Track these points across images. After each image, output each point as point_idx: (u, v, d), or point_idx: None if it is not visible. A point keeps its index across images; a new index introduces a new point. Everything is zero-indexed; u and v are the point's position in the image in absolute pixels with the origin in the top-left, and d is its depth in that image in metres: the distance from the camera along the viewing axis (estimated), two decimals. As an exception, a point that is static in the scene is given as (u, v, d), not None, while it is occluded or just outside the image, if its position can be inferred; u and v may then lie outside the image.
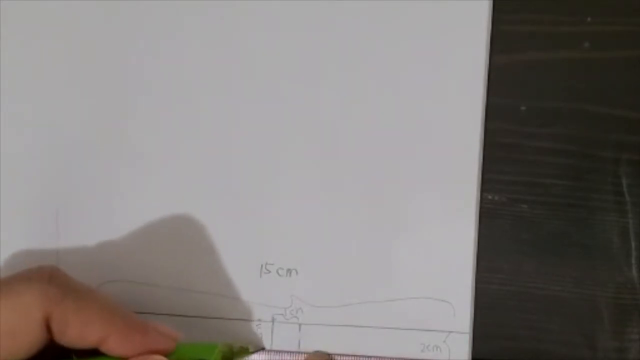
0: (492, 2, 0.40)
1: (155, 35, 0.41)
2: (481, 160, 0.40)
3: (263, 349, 0.41)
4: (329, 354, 0.40)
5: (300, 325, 0.41)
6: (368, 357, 0.40)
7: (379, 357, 0.40)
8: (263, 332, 0.41)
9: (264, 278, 0.41)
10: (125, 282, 0.42)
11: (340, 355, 0.40)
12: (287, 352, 0.41)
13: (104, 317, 0.33)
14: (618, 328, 0.40)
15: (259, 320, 0.41)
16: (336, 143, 0.41)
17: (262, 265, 0.41)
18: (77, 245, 0.42)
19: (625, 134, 0.40)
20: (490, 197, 0.40)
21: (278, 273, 0.41)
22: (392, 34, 0.40)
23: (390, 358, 0.40)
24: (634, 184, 0.40)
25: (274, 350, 0.41)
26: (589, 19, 0.40)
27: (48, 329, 0.32)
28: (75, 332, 0.32)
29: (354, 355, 0.40)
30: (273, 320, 0.41)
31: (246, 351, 0.40)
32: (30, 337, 0.32)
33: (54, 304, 0.32)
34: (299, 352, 0.41)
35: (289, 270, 0.41)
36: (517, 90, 0.40)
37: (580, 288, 0.40)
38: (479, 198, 0.40)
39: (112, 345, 0.33)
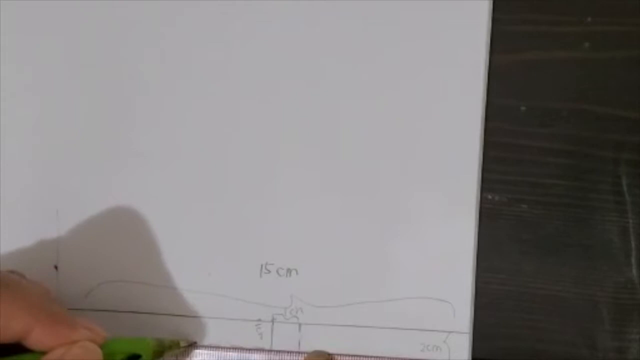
0: (492, 2, 0.40)
1: (154, 35, 0.41)
2: (481, 160, 0.40)
3: (195, 343, 0.41)
4: (329, 354, 0.40)
5: (300, 325, 0.41)
6: (368, 357, 0.40)
7: (379, 357, 0.40)
8: (263, 332, 0.41)
9: (264, 278, 0.41)
10: (124, 282, 0.42)
11: (340, 355, 0.40)
12: (287, 352, 0.41)
13: (30, 309, 0.33)
14: (618, 328, 0.40)
15: (259, 320, 0.41)
16: (336, 143, 0.41)
17: (262, 265, 0.41)
18: (77, 245, 0.42)
19: (625, 134, 0.40)
20: (490, 197, 0.40)
21: (278, 273, 0.41)
22: (392, 34, 0.40)
23: (390, 358, 0.40)
24: (634, 184, 0.40)
25: (274, 350, 0.41)
26: (589, 19, 0.40)
27: None
28: (0, 324, 0.32)
29: (354, 355, 0.40)
30: (273, 320, 0.41)
31: (177, 345, 0.40)
32: None
33: None
34: (298, 352, 0.41)
35: (289, 270, 0.41)
36: (517, 90, 0.40)
37: (580, 288, 0.40)
38: (479, 198, 0.40)
39: (37, 337, 0.33)
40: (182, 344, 0.40)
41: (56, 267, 0.42)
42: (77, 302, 0.42)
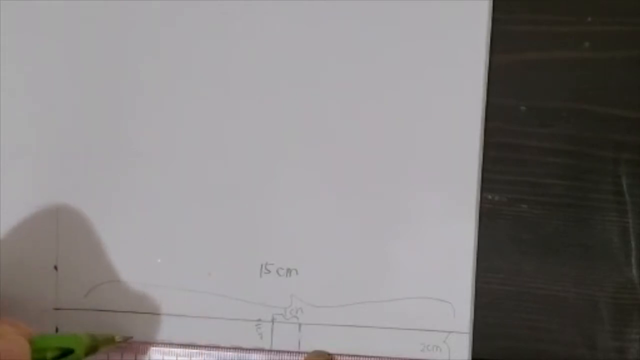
0: (492, 2, 0.40)
1: (154, 35, 0.41)
2: (481, 160, 0.40)
3: (131, 337, 0.41)
4: (329, 354, 0.40)
5: (300, 325, 0.41)
6: (368, 357, 0.40)
7: (379, 357, 0.40)
8: (263, 332, 0.41)
9: (264, 278, 0.41)
10: (124, 282, 0.42)
11: (341, 355, 0.40)
12: (287, 352, 0.41)
13: None
14: (618, 328, 0.40)
15: (259, 320, 0.41)
16: (336, 143, 0.41)
17: (262, 265, 0.41)
18: (76, 245, 0.42)
19: (625, 134, 0.40)
20: (490, 197, 0.40)
21: (278, 273, 0.41)
22: (393, 34, 0.40)
23: (390, 358, 0.40)
24: (634, 184, 0.40)
25: (274, 350, 0.41)
26: (589, 19, 0.40)
27: None
28: None
29: (354, 355, 0.40)
30: (273, 320, 0.41)
31: (112, 341, 0.40)
32: None
33: None
34: (298, 352, 0.41)
35: (289, 270, 0.41)
36: (517, 90, 0.40)
37: (580, 288, 0.40)
38: (479, 198, 0.40)
39: None
40: (117, 338, 0.40)
41: (56, 268, 0.42)
42: (76, 302, 0.42)
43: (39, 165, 0.42)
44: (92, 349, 0.38)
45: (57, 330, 0.42)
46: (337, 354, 0.40)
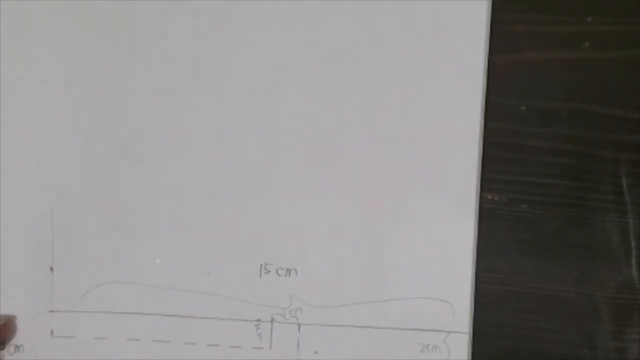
0: (492, 2, 0.40)
1: (153, 38, 0.41)
2: (481, 160, 0.40)
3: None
4: None
5: (299, 325, 0.41)
6: (368, 357, 0.40)
7: (379, 358, 0.40)
8: (262, 332, 0.41)
9: (264, 278, 0.41)
10: (121, 283, 0.41)
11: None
12: (286, 352, 0.41)
13: None
14: (618, 328, 0.40)
15: (259, 320, 0.41)
16: (336, 143, 0.40)
17: (262, 265, 0.41)
18: (72, 246, 0.41)
19: (625, 134, 0.40)
20: (490, 197, 0.40)
21: (278, 273, 0.41)
22: (392, 34, 0.40)
23: (390, 358, 0.40)
24: (634, 184, 0.40)
25: (274, 351, 0.41)
26: (589, 19, 0.40)
27: None
28: None
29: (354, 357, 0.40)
30: (272, 320, 0.41)
31: None
32: None
33: None
34: (298, 352, 0.41)
35: (288, 270, 0.41)
36: (517, 90, 0.40)
37: (580, 288, 0.40)
38: (479, 198, 0.40)
39: None
40: None
41: (51, 269, 0.41)
42: (73, 303, 0.42)
43: (34, 164, 0.41)
44: None
45: (52, 334, 0.41)
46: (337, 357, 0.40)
